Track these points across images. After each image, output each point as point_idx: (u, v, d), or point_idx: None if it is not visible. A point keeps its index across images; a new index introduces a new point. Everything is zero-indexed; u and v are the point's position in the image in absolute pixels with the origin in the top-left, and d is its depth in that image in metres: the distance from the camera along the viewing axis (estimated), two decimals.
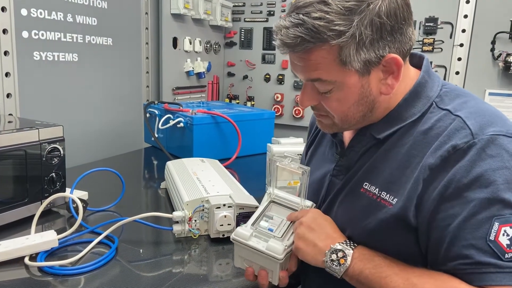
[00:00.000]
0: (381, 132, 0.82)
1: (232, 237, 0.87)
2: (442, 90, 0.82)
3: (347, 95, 0.78)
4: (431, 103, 0.80)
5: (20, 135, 1.13)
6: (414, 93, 0.81)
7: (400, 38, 0.75)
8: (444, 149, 0.72)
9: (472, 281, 0.67)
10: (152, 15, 2.37)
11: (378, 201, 0.79)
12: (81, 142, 1.93)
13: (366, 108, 0.80)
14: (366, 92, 0.78)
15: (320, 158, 1.01)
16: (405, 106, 0.81)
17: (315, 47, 0.73)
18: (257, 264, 0.86)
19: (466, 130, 0.72)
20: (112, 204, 1.33)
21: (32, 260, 0.97)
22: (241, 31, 2.97)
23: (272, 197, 0.94)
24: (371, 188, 0.81)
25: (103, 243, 1.07)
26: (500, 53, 2.25)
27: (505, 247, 0.66)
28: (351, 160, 0.88)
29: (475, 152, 0.69)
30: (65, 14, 1.82)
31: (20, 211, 1.16)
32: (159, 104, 2.14)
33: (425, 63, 0.85)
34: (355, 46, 0.72)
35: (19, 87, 1.65)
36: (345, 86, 0.76)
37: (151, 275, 0.97)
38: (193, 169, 1.41)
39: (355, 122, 0.83)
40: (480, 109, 0.77)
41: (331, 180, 0.93)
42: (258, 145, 2.03)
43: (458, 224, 0.69)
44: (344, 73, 0.75)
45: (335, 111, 0.81)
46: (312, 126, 1.12)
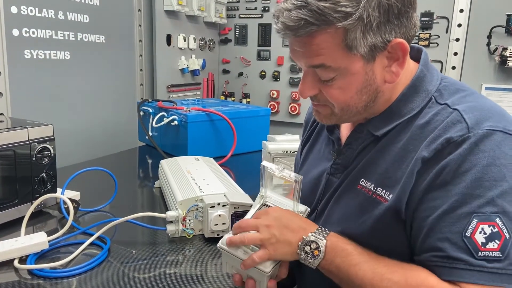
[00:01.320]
0: (379, 129, 0.80)
1: (219, 245, 0.83)
2: (441, 84, 0.80)
3: (350, 83, 0.74)
4: (430, 98, 0.78)
5: (8, 134, 1.11)
6: (413, 88, 0.79)
7: (406, 22, 0.73)
8: (438, 142, 0.71)
9: (441, 275, 0.67)
10: (145, 12, 2.35)
11: (373, 197, 0.78)
12: (74, 141, 1.91)
13: (369, 98, 0.77)
14: (370, 80, 0.75)
15: (316, 156, 0.99)
16: (403, 101, 0.79)
17: (319, 30, 0.69)
18: (245, 273, 0.83)
19: (462, 123, 0.70)
20: (105, 204, 1.31)
21: (21, 262, 0.95)
22: (236, 28, 2.94)
23: (264, 200, 0.90)
24: (367, 185, 0.79)
25: (95, 244, 1.05)
26: (496, 47, 2.24)
27: (479, 245, 0.65)
28: (348, 158, 0.86)
29: (468, 146, 0.68)
30: (56, 11, 1.79)
31: (9, 213, 1.13)
32: (153, 102, 2.11)
33: (424, 56, 0.83)
34: (361, 29, 0.69)
35: (10, 86, 1.63)
36: (348, 73, 0.73)
37: (145, 276, 0.96)
38: (187, 168, 1.39)
39: (355, 112, 0.79)
40: (479, 103, 0.75)
41: (328, 179, 0.91)
42: (253, 143, 2.01)
43: (437, 216, 0.69)
44: (349, 58, 0.71)
45: (336, 100, 0.77)
46: (307, 123, 1.09)
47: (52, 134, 1.22)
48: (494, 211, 0.66)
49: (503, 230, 0.65)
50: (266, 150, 1.49)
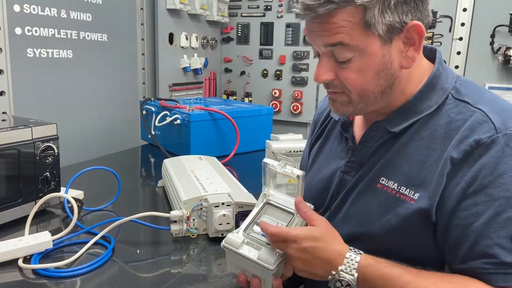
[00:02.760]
0: (396, 126, 0.80)
1: (223, 244, 0.82)
2: (456, 82, 0.80)
3: (368, 65, 0.74)
4: (447, 95, 0.78)
5: (12, 133, 1.11)
6: (430, 85, 0.79)
7: (422, 8, 0.73)
8: (467, 143, 0.71)
9: (495, 281, 0.66)
10: (148, 11, 2.34)
11: (397, 196, 0.77)
12: (76, 140, 1.91)
13: (386, 83, 0.76)
14: (387, 63, 0.74)
15: (328, 156, 0.97)
16: (420, 99, 0.79)
17: (339, 8, 0.69)
18: (249, 271, 0.82)
19: (489, 124, 0.71)
20: (108, 203, 1.30)
21: (26, 262, 0.94)
22: (238, 26, 2.94)
23: (268, 199, 0.88)
24: (389, 184, 0.78)
25: (99, 243, 1.05)
26: (500, 46, 2.23)
27: None
28: (364, 156, 0.85)
29: (499, 148, 0.68)
30: (58, 10, 1.79)
31: (13, 212, 1.13)
32: (156, 101, 2.11)
33: (438, 55, 0.83)
34: (380, 7, 0.69)
35: (13, 84, 1.63)
36: (366, 53, 0.73)
37: (149, 275, 0.95)
38: (191, 167, 1.39)
39: (373, 99, 0.78)
40: (500, 103, 0.76)
41: (343, 177, 0.89)
42: (256, 142, 2.01)
43: (483, 222, 0.68)
44: (367, 37, 0.71)
45: (354, 84, 0.76)
46: (316, 123, 1.07)
47: (56, 133, 1.22)
48: None
49: None
50: (269, 150, 1.49)
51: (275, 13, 2.77)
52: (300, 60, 2.76)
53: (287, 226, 0.82)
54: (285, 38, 2.79)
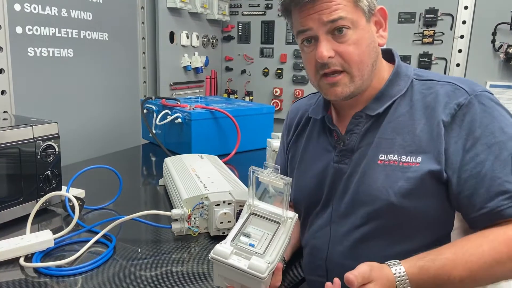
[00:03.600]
0: (375, 110, 0.91)
1: (211, 255, 0.81)
2: (415, 70, 0.95)
3: (361, 37, 0.86)
4: (411, 80, 0.92)
5: (13, 132, 1.11)
6: (396, 74, 0.93)
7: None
8: (450, 107, 0.84)
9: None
10: (148, 10, 2.34)
11: (401, 165, 0.85)
12: (78, 139, 1.91)
13: (374, 55, 0.89)
14: (372, 36, 0.89)
15: (314, 153, 1.01)
16: (391, 85, 0.92)
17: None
18: (239, 283, 0.81)
19: (460, 90, 0.86)
20: (110, 202, 1.31)
21: (27, 260, 0.95)
22: (239, 25, 2.93)
23: (252, 209, 0.88)
24: (389, 157, 0.87)
25: (100, 242, 1.05)
26: (501, 44, 2.22)
27: None
28: (354, 143, 0.93)
29: (476, 106, 0.83)
30: (59, 9, 1.79)
31: (15, 210, 1.13)
32: (157, 99, 2.11)
33: (395, 52, 0.98)
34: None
35: (14, 83, 1.63)
36: (358, 27, 0.86)
37: (150, 274, 0.96)
38: (192, 166, 1.39)
39: (367, 73, 0.89)
40: (459, 77, 0.92)
41: (337, 167, 0.94)
42: (257, 140, 2.01)
43: (488, 167, 0.79)
44: (358, 12, 0.86)
45: (352, 56, 0.86)
46: (290, 127, 1.12)
47: (57, 132, 1.22)
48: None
49: None
50: (270, 148, 1.49)
51: (276, 11, 2.76)
52: (301, 59, 2.74)
53: (274, 235, 0.83)
54: (286, 37, 2.79)
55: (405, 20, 2.44)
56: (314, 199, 0.98)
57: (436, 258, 0.75)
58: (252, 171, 0.86)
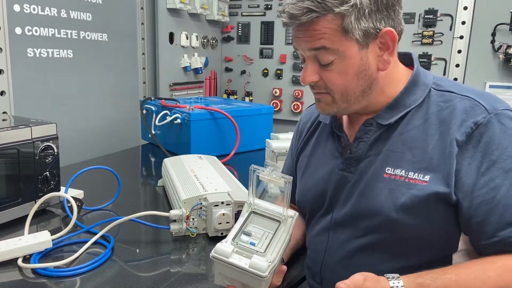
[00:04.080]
0: (388, 119, 0.86)
1: (212, 254, 0.81)
2: (434, 78, 0.89)
3: (348, 67, 0.82)
4: (429, 89, 0.86)
5: (12, 133, 1.11)
6: (413, 82, 0.87)
7: (393, 16, 0.82)
8: (466, 125, 0.79)
9: None
10: (148, 10, 2.34)
11: (407, 182, 0.81)
12: (77, 139, 1.91)
13: (365, 83, 0.84)
14: (365, 65, 0.82)
15: (321, 157, 0.99)
16: (407, 94, 0.87)
17: (320, 16, 0.78)
18: (240, 282, 0.81)
19: (480, 107, 0.79)
20: (108, 202, 1.31)
21: (25, 261, 0.95)
22: (239, 26, 2.93)
23: (253, 208, 0.88)
24: (396, 172, 0.83)
25: (99, 243, 1.05)
26: (501, 45, 2.22)
27: None
28: (361, 151, 0.89)
29: (495, 126, 0.77)
30: (59, 9, 1.79)
31: (13, 211, 1.13)
32: (156, 100, 2.11)
33: (415, 57, 0.92)
34: (356, 14, 0.78)
35: (13, 84, 1.63)
36: (346, 56, 0.81)
37: (149, 275, 0.95)
38: (191, 166, 1.39)
39: (354, 99, 0.85)
40: (478, 91, 0.85)
41: (342, 175, 0.91)
42: (256, 141, 2.01)
43: (504, 194, 0.75)
44: (346, 42, 0.80)
45: (336, 85, 0.84)
46: (302, 131, 1.10)
47: (56, 133, 1.22)
48: None
49: None
50: (269, 149, 1.49)
51: (276, 12, 2.76)
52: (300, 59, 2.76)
53: (274, 234, 0.83)
54: (285, 37, 2.79)
55: (404, 20, 2.40)
56: (317, 204, 0.96)
57: (438, 277, 0.72)
58: (253, 170, 0.86)
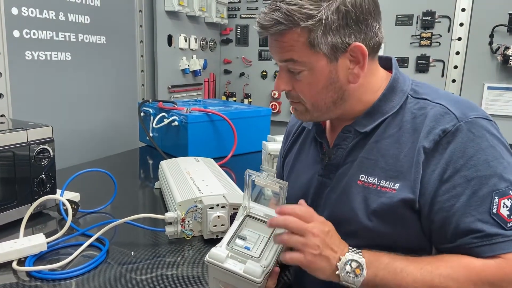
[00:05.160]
0: (365, 126, 0.87)
1: (207, 259, 0.81)
2: (413, 84, 0.89)
3: (316, 79, 0.83)
4: (407, 96, 0.87)
5: (7, 136, 1.11)
6: (391, 89, 0.88)
7: (365, 30, 0.81)
8: (435, 133, 0.79)
9: (484, 253, 0.73)
10: (146, 13, 2.35)
11: (379, 190, 0.82)
12: (76, 142, 1.91)
13: (336, 95, 0.85)
14: (334, 78, 0.83)
15: (305, 162, 1.00)
16: (384, 101, 0.87)
17: (288, 30, 0.79)
18: (234, 286, 0.81)
19: (450, 115, 0.79)
20: (104, 205, 1.31)
21: (20, 264, 0.95)
22: (237, 28, 2.94)
23: (248, 211, 0.88)
24: (369, 179, 0.84)
25: (94, 246, 1.05)
26: (499, 46, 2.22)
27: (506, 218, 0.74)
28: (339, 158, 0.90)
29: (464, 134, 0.77)
30: (57, 12, 1.80)
31: (9, 214, 1.14)
32: (154, 102, 2.11)
33: (394, 62, 0.92)
34: (322, 29, 0.78)
35: (11, 87, 1.63)
36: (314, 69, 0.82)
37: (143, 277, 0.95)
38: (187, 169, 1.39)
39: (326, 109, 0.87)
40: (455, 98, 0.86)
41: (321, 181, 0.92)
42: (254, 143, 2.01)
43: (463, 203, 0.75)
44: (313, 55, 0.81)
45: (306, 95, 0.86)
46: (289, 134, 1.12)
47: (52, 136, 1.22)
48: (506, 185, 0.75)
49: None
50: (266, 151, 1.49)
51: None
52: None
53: (269, 238, 0.83)
54: None
55: (402, 22, 2.45)
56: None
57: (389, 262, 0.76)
58: (248, 175, 0.87)
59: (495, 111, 2.28)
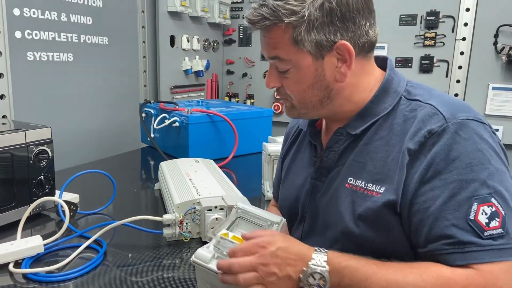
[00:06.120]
0: (356, 128, 0.85)
1: (192, 259, 0.81)
2: (407, 85, 0.86)
3: (303, 77, 0.82)
4: (400, 97, 0.84)
5: (5, 137, 1.11)
6: (383, 89, 0.85)
7: (353, 28, 0.79)
8: (420, 134, 0.76)
9: (455, 260, 0.69)
10: (149, 13, 2.35)
11: (365, 193, 0.80)
12: (77, 142, 1.92)
13: (322, 93, 0.84)
14: (320, 76, 0.82)
15: (300, 165, 1.00)
16: (376, 102, 0.85)
17: (273, 26, 0.79)
18: (221, 287, 0.80)
19: (438, 115, 0.76)
20: (103, 207, 1.30)
21: (16, 266, 0.95)
22: (240, 28, 2.94)
23: (239, 213, 0.88)
24: (357, 183, 0.82)
25: (92, 248, 1.05)
26: (503, 46, 2.20)
27: (484, 225, 0.69)
28: (331, 161, 0.89)
29: (450, 135, 0.73)
30: (59, 13, 1.80)
31: (7, 215, 1.13)
32: (155, 103, 2.11)
33: (389, 62, 0.90)
34: (305, 26, 0.77)
35: (13, 88, 1.64)
36: (300, 67, 0.81)
37: (141, 280, 0.95)
38: (186, 170, 1.38)
39: (312, 107, 0.86)
40: (448, 98, 0.82)
41: (314, 184, 0.91)
42: (256, 144, 1.99)
43: (439, 205, 0.72)
44: (298, 53, 0.80)
45: (293, 93, 0.85)
46: (287, 136, 1.11)
47: (50, 137, 1.22)
48: (488, 192, 0.70)
49: (499, 208, 0.70)
50: (266, 152, 1.48)
51: None
52: None
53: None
54: None
55: (406, 22, 2.43)
56: (293, 211, 0.96)
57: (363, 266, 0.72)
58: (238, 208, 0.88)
59: (500, 112, 2.25)
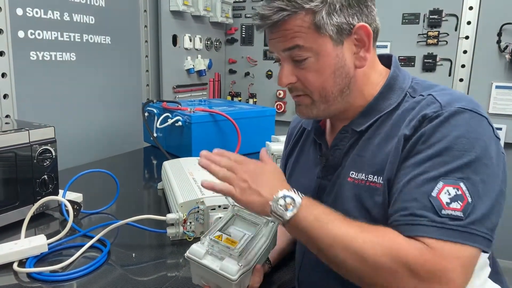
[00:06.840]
0: (361, 125, 0.85)
1: (186, 255, 0.82)
2: (413, 82, 0.86)
3: (323, 64, 0.81)
4: (405, 94, 0.84)
5: (9, 136, 1.11)
6: (388, 86, 0.86)
7: (366, 11, 0.81)
8: (416, 119, 0.76)
9: (404, 231, 0.69)
10: (151, 13, 2.35)
11: (367, 185, 0.80)
12: (80, 142, 1.92)
13: (343, 81, 0.83)
14: (341, 62, 0.81)
15: (304, 165, 0.99)
16: (381, 99, 0.85)
17: (291, 15, 0.78)
18: (214, 282, 0.82)
19: (436, 103, 0.76)
20: (106, 206, 1.30)
21: (21, 266, 0.95)
22: (242, 28, 2.93)
23: (236, 210, 0.89)
24: (358, 176, 0.82)
25: (95, 247, 1.05)
26: (507, 45, 2.19)
27: (444, 204, 0.68)
28: (337, 159, 0.88)
29: (440, 120, 0.73)
30: (61, 13, 1.80)
31: (11, 215, 1.14)
32: (158, 102, 2.11)
33: (394, 59, 0.90)
34: (326, 10, 0.77)
35: (16, 87, 1.64)
36: (320, 54, 0.80)
37: (145, 279, 0.95)
38: (190, 169, 1.38)
39: (333, 99, 0.84)
40: (450, 90, 0.82)
41: (320, 183, 0.91)
42: (259, 143, 1.99)
43: (407, 180, 0.72)
44: (320, 39, 0.79)
45: (313, 84, 0.83)
46: (290, 136, 1.10)
47: (54, 136, 1.22)
48: (460, 176, 0.69)
49: (466, 194, 0.68)
50: (269, 151, 1.48)
51: None
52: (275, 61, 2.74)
53: (253, 237, 0.83)
54: None
55: (409, 21, 2.42)
56: None
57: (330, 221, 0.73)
58: None
59: (503, 111, 2.25)
